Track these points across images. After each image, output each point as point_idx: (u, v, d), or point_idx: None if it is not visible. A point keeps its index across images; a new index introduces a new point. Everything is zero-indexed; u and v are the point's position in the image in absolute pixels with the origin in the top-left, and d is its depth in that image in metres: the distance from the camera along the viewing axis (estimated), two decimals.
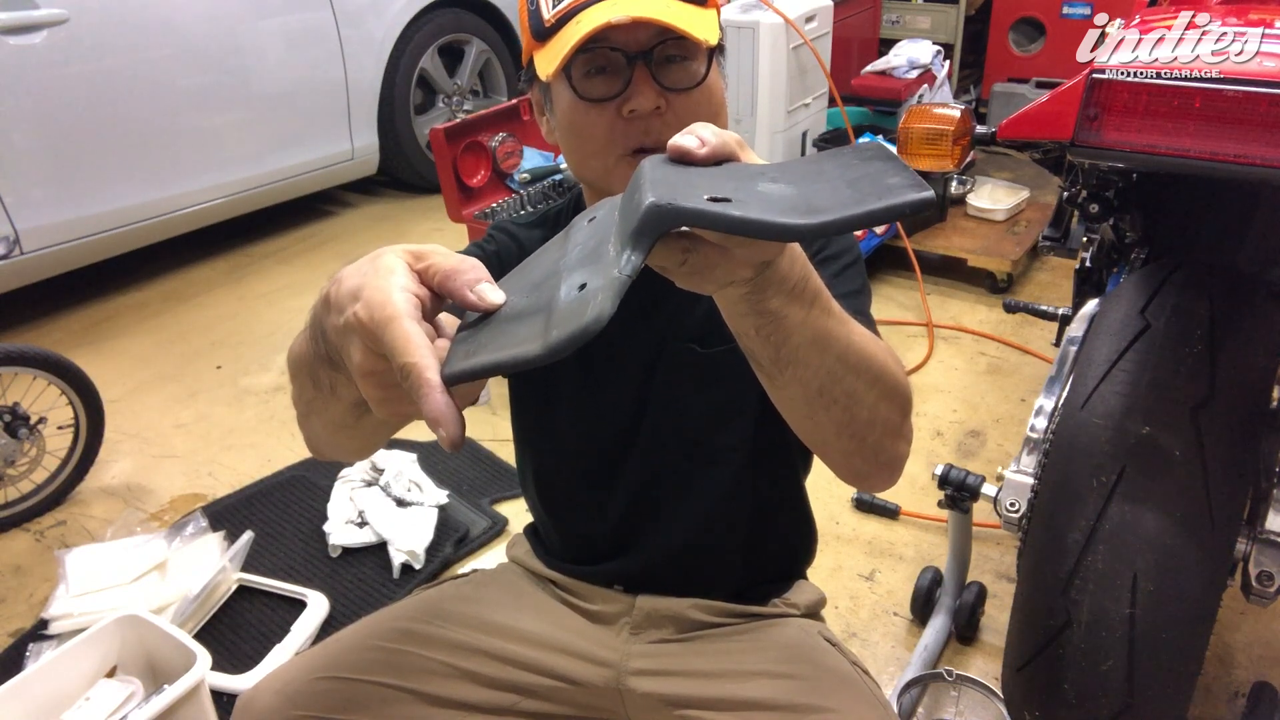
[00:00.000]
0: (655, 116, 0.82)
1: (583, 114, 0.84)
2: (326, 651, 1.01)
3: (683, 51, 0.83)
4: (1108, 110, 1.07)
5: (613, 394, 1.00)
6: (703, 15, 0.82)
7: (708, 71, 0.84)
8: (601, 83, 0.82)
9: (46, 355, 2.03)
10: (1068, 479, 1.11)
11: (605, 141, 0.84)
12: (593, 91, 0.83)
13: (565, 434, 1.04)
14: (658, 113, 0.82)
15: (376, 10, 3.49)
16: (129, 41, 2.84)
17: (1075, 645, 1.03)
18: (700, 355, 0.95)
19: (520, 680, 1.03)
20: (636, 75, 0.81)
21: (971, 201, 3.25)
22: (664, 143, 0.79)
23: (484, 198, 2.86)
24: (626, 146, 0.83)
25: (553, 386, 1.03)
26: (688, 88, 0.83)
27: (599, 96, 0.82)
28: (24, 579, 1.97)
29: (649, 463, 1.01)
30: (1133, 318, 1.19)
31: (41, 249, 2.75)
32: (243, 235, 3.56)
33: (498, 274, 0.87)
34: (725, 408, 0.98)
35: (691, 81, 0.83)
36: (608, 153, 0.84)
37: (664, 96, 0.82)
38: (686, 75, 0.83)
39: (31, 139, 2.69)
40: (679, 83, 0.83)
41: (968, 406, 2.44)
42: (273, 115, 3.29)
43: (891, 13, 4.30)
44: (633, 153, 0.83)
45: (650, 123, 0.82)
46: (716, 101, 0.86)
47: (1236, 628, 1.72)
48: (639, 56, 0.81)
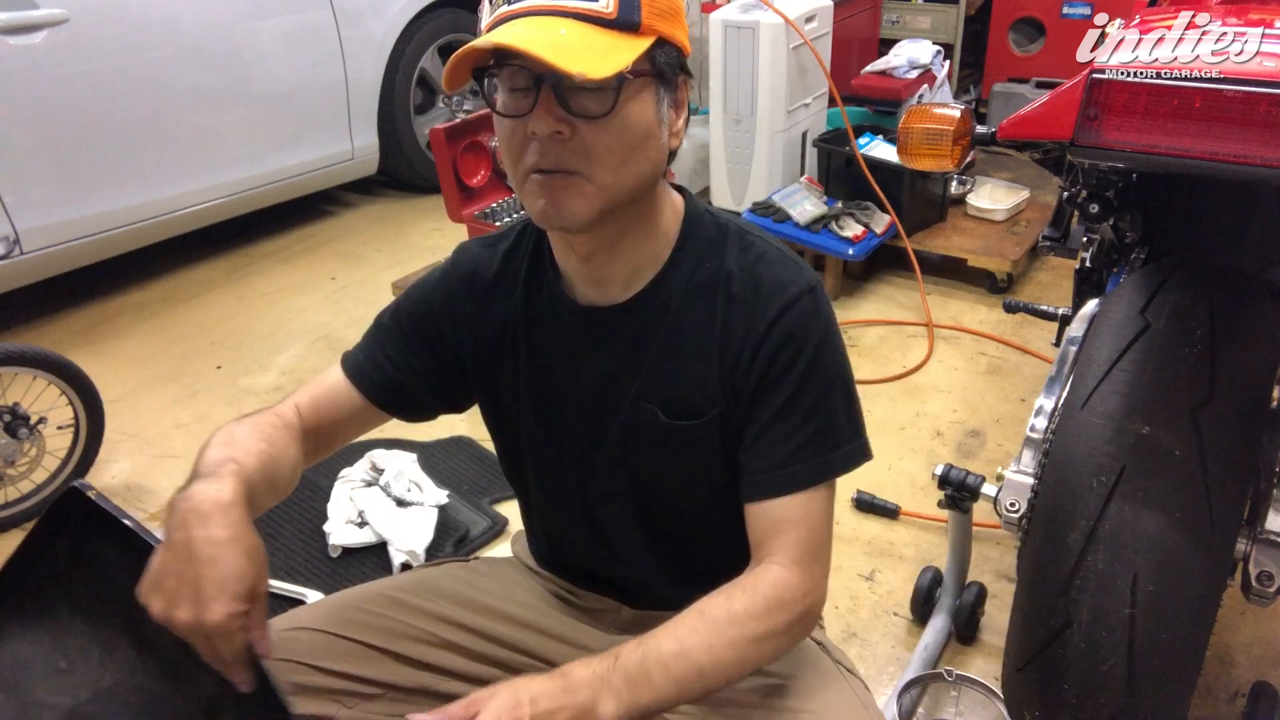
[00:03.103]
0: (557, 141, 0.80)
1: (502, 126, 0.84)
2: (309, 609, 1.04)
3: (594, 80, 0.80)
4: (1108, 110, 1.07)
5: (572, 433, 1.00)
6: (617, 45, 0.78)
7: (615, 102, 0.79)
8: (513, 99, 0.81)
9: (46, 355, 2.03)
10: (1068, 479, 1.11)
11: (517, 155, 0.83)
12: (506, 107, 0.82)
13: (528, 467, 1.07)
14: (559, 137, 0.80)
15: (376, 10, 3.49)
16: (129, 41, 2.83)
17: (1075, 645, 1.03)
18: (663, 422, 0.94)
19: (503, 657, 1.05)
20: (541, 98, 0.79)
21: (971, 201, 3.25)
22: (562, 166, 0.82)
23: (484, 198, 2.87)
24: (529, 164, 0.82)
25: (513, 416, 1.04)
26: (594, 116, 0.79)
27: (509, 113, 0.82)
28: None
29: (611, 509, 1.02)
30: (1133, 318, 1.19)
31: (41, 249, 2.75)
32: (243, 235, 3.56)
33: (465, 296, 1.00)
34: (685, 474, 0.98)
35: (600, 110, 0.79)
36: (518, 167, 0.84)
37: (568, 122, 0.79)
38: (595, 104, 0.79)
39: (31, 139, 2.68)
40: (586, 109, 0.79)
41: (968, 406, 2.44)
42: (273, 115, 3.29)
43: (891, 13, 4.30)
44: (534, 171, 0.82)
45: (548, 145, 0.80)
46: (634, 135, 0.82)
47: (1236, 628, 1.72)
48: (544, 79, 0.78)
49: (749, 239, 0.95)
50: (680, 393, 0.93)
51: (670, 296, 0.93)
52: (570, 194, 0.82)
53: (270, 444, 0.90)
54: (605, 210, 0.84)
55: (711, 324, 0.92)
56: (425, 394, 1.03)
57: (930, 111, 1.46)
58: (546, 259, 0.98)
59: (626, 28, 0.79)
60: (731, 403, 0.93)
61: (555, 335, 0.98)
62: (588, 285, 0.95)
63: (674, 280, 0.93)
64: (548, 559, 1.15)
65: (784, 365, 0.89)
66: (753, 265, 0.92)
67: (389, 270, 3.23)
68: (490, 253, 1.02)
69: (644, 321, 0.94)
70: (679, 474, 0.98)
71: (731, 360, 0.91)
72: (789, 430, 0.90)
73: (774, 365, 0.89)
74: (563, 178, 0.81)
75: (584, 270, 0.94)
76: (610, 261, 0.92)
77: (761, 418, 0.91)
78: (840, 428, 0.91)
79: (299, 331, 2.96)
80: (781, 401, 0.90)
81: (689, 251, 0.94)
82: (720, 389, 0.92)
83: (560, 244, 0.94)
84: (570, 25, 0.78)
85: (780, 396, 0.90)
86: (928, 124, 1.45)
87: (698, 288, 0.93)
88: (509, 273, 1.00)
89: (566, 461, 1.02)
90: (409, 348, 1.01)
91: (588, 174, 0.81)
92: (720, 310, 0.92)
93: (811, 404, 0.90)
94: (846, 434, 0.92)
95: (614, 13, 0.79)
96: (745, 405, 0.92)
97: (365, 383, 1.01)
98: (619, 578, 1.08)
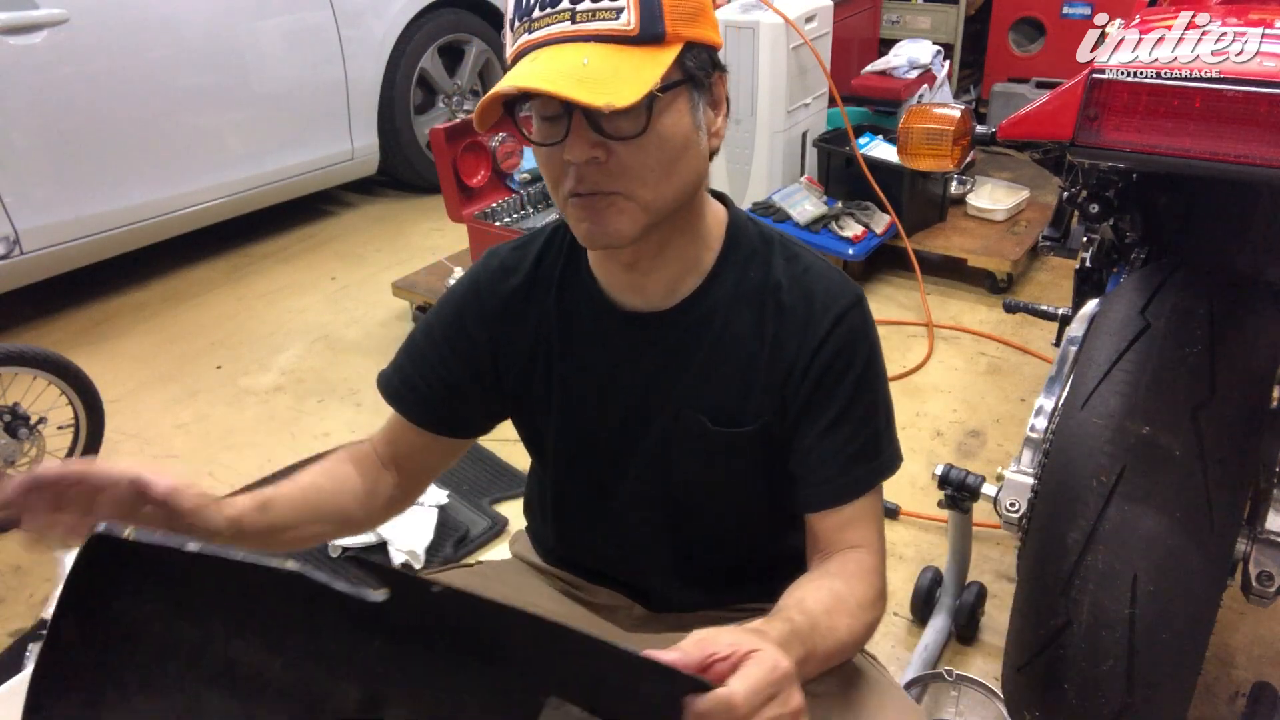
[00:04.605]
0: (593, 166, 0.80)
1: (538, 152, 0.84)
2: None
3: None
4: (1108, 110, 1.07)
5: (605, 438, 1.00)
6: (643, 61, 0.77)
7: (648, 121, 0.79)
8: (547, 128, 0.81)
9: (46, 355, 2.03)
10: (1068, 479, 1.11)
11: (555, 181, 0.84)
12: (539, 136, 0.82)
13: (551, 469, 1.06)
14: (596, 163, 0.80)
15: (376, 10, 3.49)
16: (129, 41, 2.83)
17: (1075, 645, 1.03)
18: (708, 430, 0.94)
19: None
20: (573, 125, 0.78)
21: (971, 201, 3.25)
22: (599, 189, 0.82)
23: (484, 198, 2.86)
24: (567, 189, 0.82)
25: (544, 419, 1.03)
26: (629, 137, 0.79)
27: (542, 141, 0.82)
28: (24, 579, 1.97)
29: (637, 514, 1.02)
30: (1133, 318, 1.19)
31: (41, 249, 2.75)
32: (243, 235, 3.56)
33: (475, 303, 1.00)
34: (720, 481, 0.98)
35: (633, 131, 0.79)
36: (557, 192, 0.84)
37: (603, 146, 0.79)
38: (628, 125, 0.79)
39: (31, 139, 2.68)
40: (620, 131, 0.79)
41: (968, 406, 2.44)
42: (273, 115, 3.29)
43: (891, 13, 4.30)
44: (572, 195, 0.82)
45: (585, 170, 0.80)
46: (672, 148, 0.82)
47: (1236, 628, 1.72)
48: (574, 108, 0.77)
49: (793, 249, 0.96)
50: (724, 400, 0.94)
51: (716, 304, 0.93)
52: (612, 213, 0.82)
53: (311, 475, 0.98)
54: (650, 225, 0.84)
55: (760, 334, 0.92)
56: (464, 406, 1.03)
57: (930, 111, 1.46)
58: (582, 263, 0.97)
59: (651, 41, 0.78)
60: (779, 414, 0.93)
61: (592, 339, 0.97)
62: (628, 291, 0.94)
63: (719, 288, 0.93)
64: (557, 555, 1.14)
65: (837, 376, 0.91)
66: (801, 276, 0.93)
67: (389, 270, 3.23)
68: (520, 256, 1.00)
69: (688, 329, 0.93)
70: (714, 481, 0.98)
71: (784, 372, 0.92)
72: (845, 438, 0.91)
73: (828, 376, 0.91)
74: (603, 199, 0.81)
75: (626, 278, 0.93)
76: (654, 269, 0.92)
77: (816, 428, 0.92)
78: (882, 433, 0.94)
79: (299, 331, 2.96)
80: (836, 411, 0.91)
81: (734, 260, 0.94)
82: (767, 399, 0.93)
83: (601, 252, 0.93)
84: (593, 51, 0.76)
85: (834, 406, 0.91)
86: (928, 124, 1.45)
87: (744, 296, 0.93)
88: (541, 277, 0.99)
89: (596, 466, 1.01)
90: (442, 362, 1.00)
91: (628, 193, 0.81)
92: (771, 321, 0.92)
93: (863, 412, 0.92)
94: (886, 438, 0.95)
95: (636, 29, 0.77)
96: (794, 415, 0.93)
97: (404, 406, 1.02)
98: (631, 578, 1.08)
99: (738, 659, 0.64)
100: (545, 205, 2.96)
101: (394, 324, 2.97)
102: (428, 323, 1.03)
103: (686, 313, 0.93)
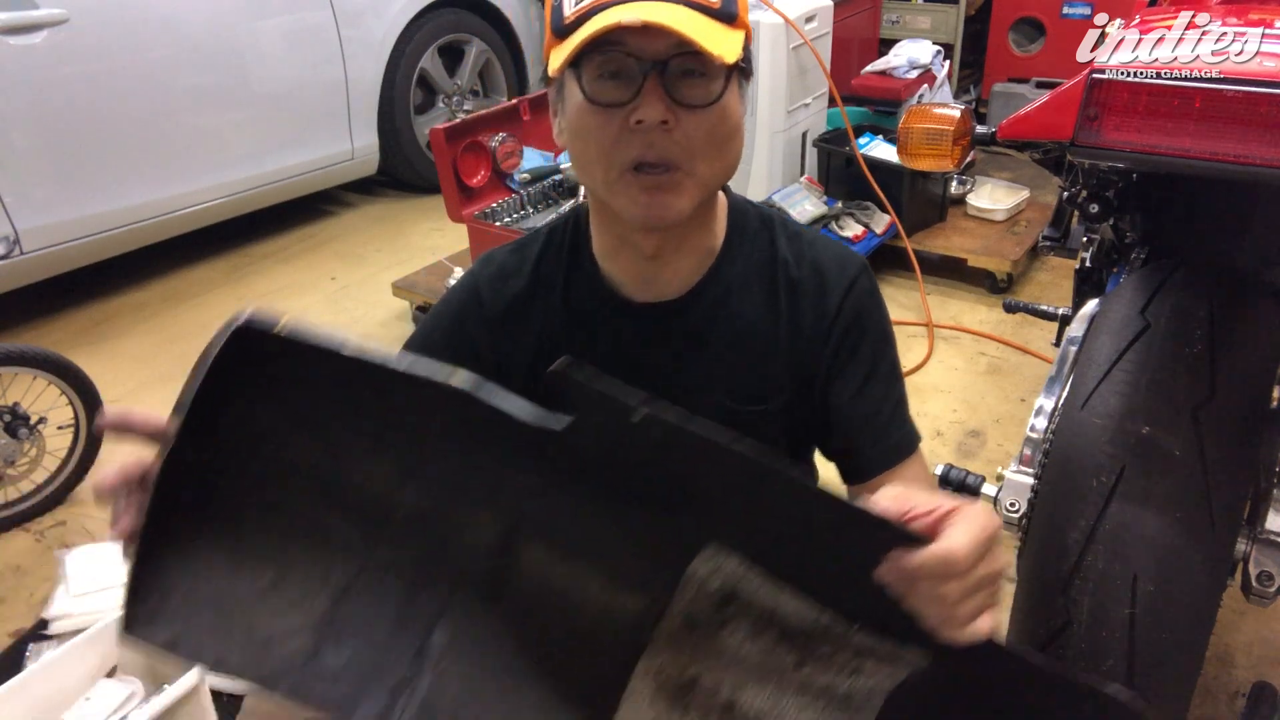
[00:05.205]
0: (661, 131, 0.79)
1: (590, 117, 0.82)
2: None
3: (700, 67, 0.80)
4: (1108, 110, 1.06)
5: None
6: (726, 34, 0.79)
7: (723, 92, 0.81)
8: (613, 88, 0.80)
9: (46, 355, 2.03)
10: (1068, 479, 1.11)
11: (609, 149, 0.82)
12: (602, 95, 0.80)
13: None
14: (664, 127, 0.79)
15: (376, 10, 3.49)
16: (129, 41, 2.83)
17: (1075, 645, 1.03)
18: (731, 409, 0.95)
19: None
20: (648, 85, 0.78)
21: (971, 201, 3.25)
22: (668, 159, 0.80)
23: (484, 198, 2.86)
24: (628, 158, 0.81)
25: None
26: (700, 105, 0.80)
27: (608, 101, 0.80)
28: (24, 579, 1.97)
29: None
30: (1133, 318, 1.19)
31: (41, 249, 2.75)
32: (243, 235, 3.56)
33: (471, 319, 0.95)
34: None
35: (705, 99, 0.80)
36: (609, 163, 0.82)
37: (673, 111, 0.79)
38: (701, 92, 0.80)
39: (31, 139, 2.68)
40: (692, 99, 0.80)
41: (968, 406, 2.44)
42: (273, 115, 3.29)
43: (891, 13, 4.30)
44: (633, 168, 0.81)
45: (655, 135, 0.79)
46: (730, 124, 0.83)
47: (1236, 628, 1.72)
48: (653, 66, 0.78)
49: (793, 227, 0.98)
50: (745, 381, 0.94)
51: (727, 287, 0.94)
52: (673, 193, 0.82)
53: None
54: (700, 204, 0.85)
55: (774, 310, 0.93)
56: None
57: (930, 111, 1.46)
58: (586, 262, 0.96)
59: (727, 20, 0.80)
60: (801, 390, 0.94)
61: (604, 336, 0.96)
62: (641, 284, 0.94)
63: (729, 271, 0.94)
64: None
65: (857, 339, 0.93)
66: (806, 250, 0.95)
67: (389, 270, 3.23)
68: (519, 259, 1.00)
69: (704, 314, 0.94)
70: None
71: (804, 343, 0.93)
72: (880, 396, 0.93)
73: (848, 340, 0.92)
74: (667, 175, 0.81)
75: (643, 269, 0.93)
76: (674, 259, 0.92)
77: (849, 390, 0.93)
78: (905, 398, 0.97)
79: None
80: (864, 372, 0.93)
81: (739, 242, 0.95)
82: (787, 376, 0.94)
83: (618, 243, 0.92)
84: (681, 12, 0.77)
85: (862, 368, 0.93)
86: (928, 124, 1.45)
87: (753, 276, 0.94)
88: (543, 278, 0.98)
89: None
90: None
91: (688, 168, 0.82)
92: (783, 296, 0.93)
93: (888, 370, 0.95)
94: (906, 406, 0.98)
95: (719, 2, 0.79)
96: (821, 385, 0.94)
97: None
98: None
99: (942, 514, 0.62)
100: (545, 205, 2.96)
101: (394, 324, 2.97)
102: (426, 329, 1.02)
103: (699, 298, 0.94)
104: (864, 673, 0.71)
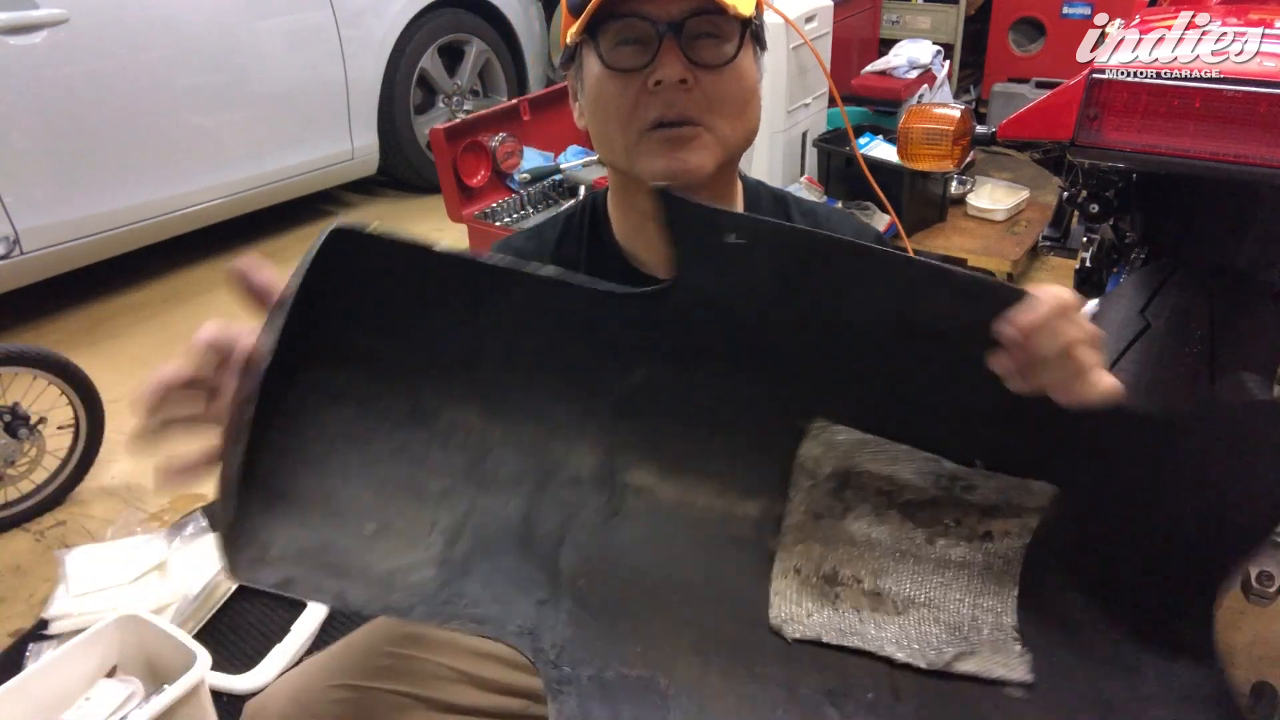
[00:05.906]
0: (680, 90, 0.81)
1: (609, 84, 0.83)
2: (338, 657, 0.99)
3: (715, 29, 0.82)
4: (1108, 110, 1.07)
5: None
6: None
7: (738, 52, 0.83)
8: (630, 53, 0.82)
9: (46, 355, 2.03)
10: None
11: (629, 113, 0.83)
12: (620, 61, 0.82)
13: None
14: (683, 86, 0.81)
15: (376, 10, 3.49)
16: (129, 41, 2.83)
17: None
18: None
19: (530, 686, 1.02)
20: (665, 46, 0.80)
21: (971, 201, 3.25)
22: (688, 117, 0.82)
23: (484, 198, 2.87)
24: (648, 119, 0.82)
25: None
26: (717, 65, 0.82)
27: (626, 66, 0.82)
28: (24, 579, 1.96)
29: None
30: (1133, 318, 1.19)
31: (41, 249, 2.75)
32: (243, 235, 3.56)
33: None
34: None
35: (721, 59, 0.82)
36: (630, 127, 0.84)
37: (691, 72, 0.81)
38: (717, 53, 0.82)
39: (31, 139, 2.68)
40: (709, 59, 0.82)
41: None
42: (273, 115, 3.28)
43: (891, 13, 4.30)
44: (654, 126, 0.82)
45: (674, 95, 0.81)
46: (748, 86, 0.86)
47: (1236, 628, 1.72)
48: (669, 28, 0.80)
49: (806, 204, 0.99)
50: None
51: None
52: (695, 147, 0.83)
53: None
54: (722, 164, 0.86)
55: None
56: None
57: (930, 111, 1.46)
58: (607, 242, 0.97)
59: None
60: None
61: None
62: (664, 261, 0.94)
63: None
64: None
65: None
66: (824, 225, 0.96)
67: None
68: (536, 243, 1.00)
69: None
70: None
71: None
72: None
73: None
74: (688, 130, 0.82)
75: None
76: None
77: None
78: None
79: None
80: None
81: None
82: None
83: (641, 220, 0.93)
84: None
85: None
86: (928, 124, 1.45)
87: None
88: (564, 259, 0.97)
89: None
90: None
91: (708, 124, 0.83)
92: None
93: None
94: None
95: None
96: None
97: None
98: None
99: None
100: (545, 205, 2.96)
101: None
102: None
103: None
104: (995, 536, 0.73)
